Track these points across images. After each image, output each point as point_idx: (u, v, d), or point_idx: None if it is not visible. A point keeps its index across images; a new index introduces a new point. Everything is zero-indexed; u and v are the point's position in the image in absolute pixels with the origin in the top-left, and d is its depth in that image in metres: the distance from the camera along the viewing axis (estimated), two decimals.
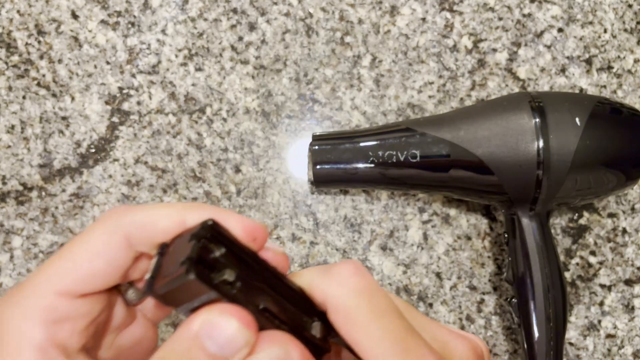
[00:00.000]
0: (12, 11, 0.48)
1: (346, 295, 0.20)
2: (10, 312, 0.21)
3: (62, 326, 0.21)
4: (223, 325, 0.19)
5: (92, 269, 0.21)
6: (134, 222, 0.22)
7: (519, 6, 0.50)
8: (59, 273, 0.21)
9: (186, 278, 0.19)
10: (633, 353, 0.48)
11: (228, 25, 0.49)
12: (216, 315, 0.19)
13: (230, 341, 0.19)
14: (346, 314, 0.20)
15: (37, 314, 0.21)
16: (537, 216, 0.43)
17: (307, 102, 0.48)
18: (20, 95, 0.48)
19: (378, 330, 0.20)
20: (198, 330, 0.19)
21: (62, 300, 0.21)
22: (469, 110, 0.44)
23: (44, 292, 0.21)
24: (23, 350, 0.20)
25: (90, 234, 0.22)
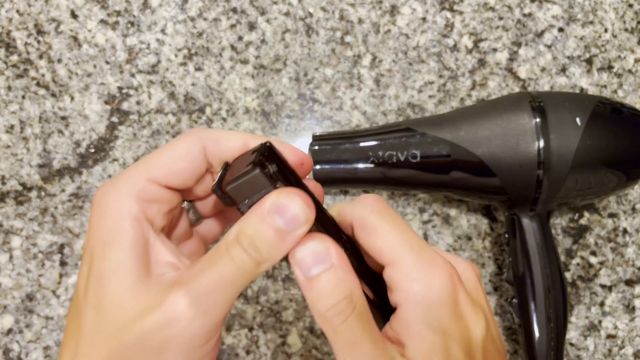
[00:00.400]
0: (12, 11, 0.48)
1: (370, 213, 0.26)
2: (111, 192, 0.26)
3: (151, 205, 0.26)
4: (289, 204, 0.23)
5: (176, 167, 0.26)
6: (211, 137, 0.27)
7: (519, 6, 0.50)
8: (150, 166, 0.26)
9: (252, 173, 0.24)
10: (634, 353, 0.48)
11: (228, 24, 0.48)
12: (284, 196, 0.24)
13: (295, 218, 0.23)
14: (371, 227, 0.25)
15: (132, 193, 0.25)
16: (537, 216, 0.43)
17: (307, 101, 0.48)
18: (19, 95, 0.47)
19: (397, 237, 0.25)
20: (269, 208, 0.23)
21: (152, 186, 0.26)
22: (469, 110, 0.43)
23: (138, 178, 0.26)
24: (122, 219, 0.25)
25: (177, 142, 0.27)
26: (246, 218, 0.24)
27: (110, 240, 0.25)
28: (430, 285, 0.24)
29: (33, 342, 0.46)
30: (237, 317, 0.46)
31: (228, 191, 0.24)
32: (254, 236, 0.23)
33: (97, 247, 0.25)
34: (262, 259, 0.24)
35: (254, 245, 0.23)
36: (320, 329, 0.46)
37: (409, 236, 0.25)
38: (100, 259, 0.25)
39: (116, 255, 0.24)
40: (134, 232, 0.25)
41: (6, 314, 0.46)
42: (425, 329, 0.24)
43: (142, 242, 0.25)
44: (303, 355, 0.46)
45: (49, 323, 0.46)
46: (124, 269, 0.24)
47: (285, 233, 0.24)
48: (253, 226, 0.24)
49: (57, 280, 0.46)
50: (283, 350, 0.46)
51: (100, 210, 0.25)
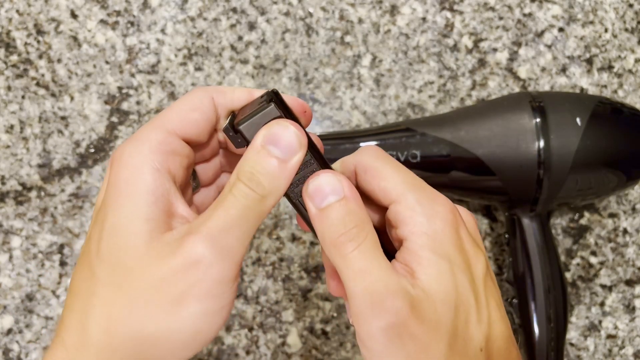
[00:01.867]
0: (12, 10, 0.48)
1: (373, 158, 0.26)
2: (131, 146, 0.25)
3: (173, 158, 0.26)
4: (281, 132, 0.24)
5: (192, 118, 0.27)
6: (218, 90, 0.28)
7: (519, 6, 0.50)
8: (168, 118, 0.26)
9: (267, 108, 0.24)
10: (634, 353, 0.48)
11: (228, 24, 0.48)
12: (275, 126, 0.24)
13: (289, 144, 0.24)
14: (374, 169, 0.26)
15: (154, 145, 0.25)
16: (537, 216, 0.43)
17: (307, 101, 0.48)
18: (19, 95, 0.47)
19: (400, 177, 0.26)
20: (263, 141, 0.24)
21: (172, 138, 0.26)
22: (469, 110, 0.43)
23: (158, 130, 0.26)
24: (143, 169, 0.25)
25: (187, 96, 0.27)
26: (243, 157, 0.24)
27: (127, 191, 0.24)
28: (434, 216, 0.25)
29: (33, 342, 0.46)
30: (237, 317, 0.46)
31: (241, 128, 0.25)
32: (252, 170, 0.24)
33: (111, 200, 0.25)
34: (264, 191, 0.24)
35: (255, 179, 0.24)
36: (325, 326, 0.46)
37: (411, 176, 0.26)
38: (115, 211, 0.24)
39: (133, 204, 0.24)
40: (154, 181, 0.25)
41: (6, 314, 0.46)
42: (432, 255, 0.24)
43: (163, 193, 0.25)
44: (303, 355, 0.46)
45: (49, 323, 0.46)
46: (141, 218, 0.24)
47: (282, 161, 0.24)
48: (250, 161, 0.24)
49: (56, 280, 0.46)
50: (283, 351, 0.46)
51: (119, 164, 0.25)
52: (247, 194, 0.24)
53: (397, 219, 0.25)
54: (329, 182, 0.25)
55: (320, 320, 0.46)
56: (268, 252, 0.47)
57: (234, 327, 0.46)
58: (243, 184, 0.24)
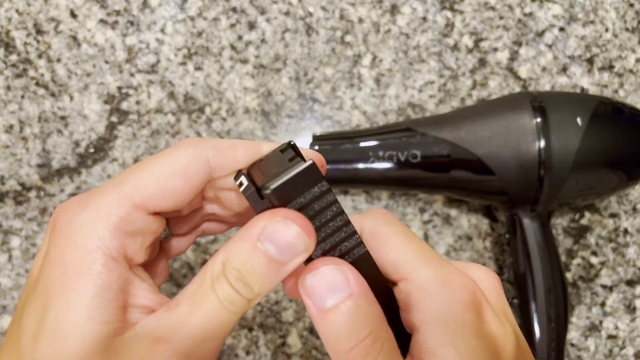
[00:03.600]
0: (11, 10, 0.48)
1: (383, 224, 0.23)
2: (86, 216, 0.21)
3: (133, 239, 0.21)
4: (284, 230, 0.20)
5: (170, 187, 0.21)
6: (215, 147, 0.22)
7: (520, 5, 0.49)
8: (138, 185, 0.21)
9: (304, 166, 0.20)
10: (634, 354, 0.47)
11: (227, 24, 0.48)
12: (278, 220, 0.20)
13: (291, 246, 0.20)
14: (383, 238, 0.22)
15: (111, 222, 0.20)
16: (538, 216, 0.43)
17: (307, 101, 0.48)
18: (18, 95, 0.47)
19: (412, 250, 0.22)
20: (260, 234, 0.20)
21: (138, 214, 0.21)
22: (469, 110, 0.43)
23: (121, 202, 0.21)
24: (94, 256, 0.20)
25: (173, 153, 0.22)
26: (233, 244, 0.20)
27: (75, 283, 0.20)
28: (452, 303, 0.21)
29: None
30: None
31: (271, 192, 0.20)
32: (243, 269, 0.20)
33: (54, 288, 0.20)
34: (253, 295, 0.20)
35: (244, 280, 0.20)
36: None
37: (424, 249, 0.22)
38: (59, 306, 0.20)
39: (83, 303, 0.20)
40: (110, 275, 0.20)
41: (5, 315, 0.46)
42: (453, 356, 0.20)
43: (119, 287, 0.20)
44: (303, 355, 0.46)
45: None
46: (93, 321, 0.19)
47: (279, 264, 0.20)
48: (242, 256, 0.20)
49: None
50: (283, 351, 0.46)
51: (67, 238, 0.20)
52: (233, 300, 0.20)
53: (408, 302, 0.22)
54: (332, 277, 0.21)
55: None
56: None
57: (234, 328, 0.46)
58: (229, 284, 0.20)
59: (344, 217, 0.22)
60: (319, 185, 0.21)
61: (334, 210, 0.22)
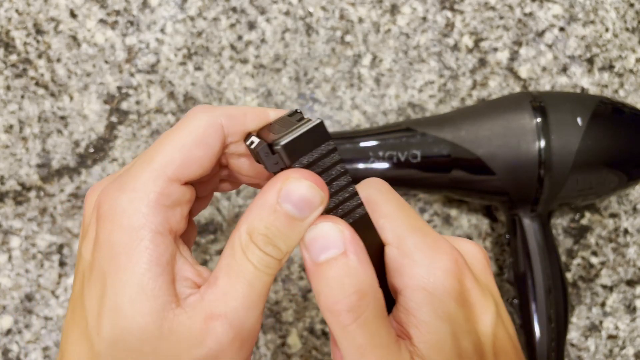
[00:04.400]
0: (11, 10, 0.48)
1: (376, 192, 0.24)
2: (125, 198, 0.22)
3: (174, 211, 0.22)
4: (298, 188, 0.21)
5: (195, 156, 0.23)
6: (225, 114, 0.24)
7: (520, 5, 0.49)
8: (167, 160, 0.22)
9: (313, 123, 0.22)
10: (635, 354, 0.47)
11: (227, 24, 0.48)
12: (291, 180, 0.21)
13: (308, 201, 0.21)
14: (375, 204, 0.24)
15: (152, 198, 0.22)
16: (538, 217, 0.43)
17: (307, 101, 0.48)
18: (18, 95, 0.47)
19: (401, 217, 0.23)
20: (277, 196, 0.21)
21: (173, 187, 0.22)
22: (470, 110, 0.43)
23: (158, 179, 0.22)
24: (142, 234, 0.21)
25: (189, 124, 0.23)
26: (255, 213, 0.22)
27: (127, 262, 0.21)
28: (434, 268, 0.22)
29: (32, 342, 0.45)
30: None
31: (281, 147, 0.21)
32: (269, 232, 0.21)
33: (108, 268, 0.21)
34: (282, 254, 0.22)
35: (272, 242, 0.21)
36: (325, 327, 0.45)
37: (413, 217, 0.24)
38: (116, 286, 0.21)
39: (137, 279, 0.21)
40: (158, 248, 0.21)
41: (5, 315, 0.46)
42: (431, 317, 0.22)
43: (168, 260, 0.22)
44: (303, 356, 0.46)
45: (48, 323, 0.46)
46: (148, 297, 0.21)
47: (300, 220, 0.21)
48: (265, 221, 0.21)
49: (56, 280, 0.46)
50: (283, 351, 0.46)
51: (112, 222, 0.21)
52: (268, 263, 0.22)
53: (393, 266, 0.23)
54: (328, 232, 0.22)
55: (320, 320, 0.46)
56: None
57: None
58: (259, 249, 0.21)
59: (347, 177, 0.23)
60: (326, 144, 0.22)
61: (339, 169, 0.23)
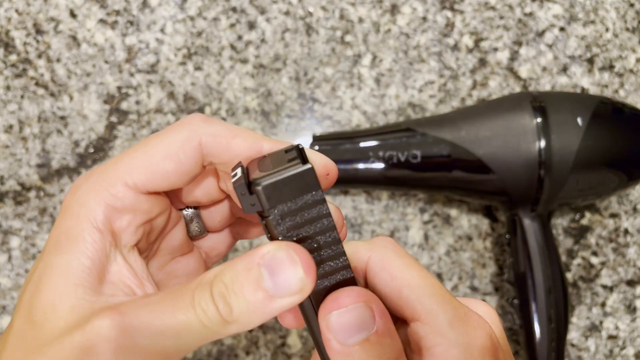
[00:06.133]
0: (11, 10, 0.48)
1: (394, 256, 0.22)
2: (85, 188, 0.22)
3: (121, 216, 0.22)
4: (285, 261, 0.19)
5: (161, 169, 0.22)
6: (211, 132, 0.22)
7: (520, 5, 0.49)
8: (130, 166, 0.22)
9: (301, 168, 0.19)
10: (635, 354, 0.47)
11: (227, 24, 0.48)
12: (283, 250, 0.19)
13: (287, 283, 0.19)
14: (395, 271, 0.22)
15: (103, 197, 0.22)
16: (538, 217, 0.43)
17: (307, 101, 0.48)
18: (18, 95, 0.47)
19: (427, 288, 0.21)
20: (260, 257, 0.19)
21: (127, 192, 0.22)
22: (470, 110, 0.43)
23: (113, 180, 0.22)
24: (83, 224, 0.22)
25: (167, 135, 0.22)
26: (233, 261, 0.20)
27: (63, 243, 0.22)
28: (471, 348, 0.20)
29: None
30: None
31: (261, 189, 0.19)
32: (230, 285, 0.19)
33: (49, 246, 0.22)
34: (230, 317, 0.19)
35: (226, 298, 0.19)
36: None
37: (438, 286, 0.21)
38: (49, 260, 0.22)
39: (64, 260, 0.21)
40: (92, 242, 0.21)
41: (5, 315, 0.46)
42: None
43: (100, 255, 0.22)
44: (303, 356, 0.46)
45: None
46: (67, 278, 0.21)
47: (268, 296, 0.19)
48: (234, 273, 0.19)
49: None
50: (283, 351, 0.46)
51: (65, 208, 0.22)
52: (206, 310, 0.19)
53: (423, 345, 0.21)
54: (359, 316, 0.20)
55: None
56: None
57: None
58: (210, 294, 0.19)
59: (334, 233, 0.21)
60: (314, 194, 0.20)
61: (325, 224, 0.20)
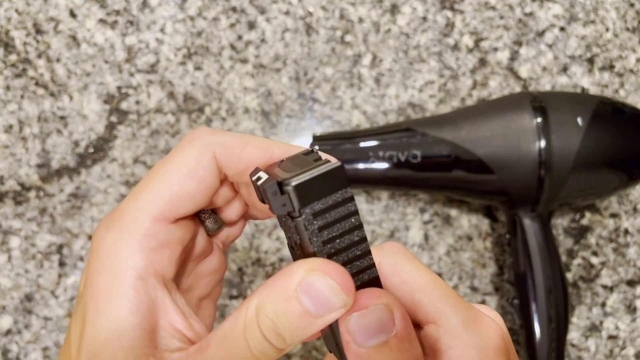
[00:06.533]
0: (11, 10, 0.48)
1: (402, 258, 0.22)
2: (111, 238, 0.21)
3: (160, 253, 0.21)
4: (321, 285, 0.19)
5: (185, 192, 0.21)
6: (222, 143, 0.22)
7: (520, 5, 0.49)
8: (154, 197, 0.21)
9: (333, 166, 0.19)
10: (635, 354, 0.47)
11: (227, 24, 0.48)
12: (316, 274, 0.19)
13: (326, 302, 0.19)
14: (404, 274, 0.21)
15: (135, 240, 0.20)
16: (538, 217, 0.43)
17: (307, 101, 0.48)
18: (18, 95, 0.47)
19: (439, 291, 0.21)
20: (297, 285, 0.19)
21: (160, 226, 0.21)
22: (470, 110, 0.43)
23: (142, 217, 0.21)
24: (123, 277, 0.20)
25: (181, 154, 0.21)
26: (269, 290, 0.19)
27: (107, 304, 0.20)
28: (486, 348, 0.21)
29: (32, 342, 0.45)
30: None
31: (293, 188, 0.19)
32: (276, 319, 0.19)
33: (90, 305, 0.21)
34: (284, 345, 0.20)
35: (277, 330, 0.19)
36: None
37: (448, 290, 0.22)
38: (95, 324, 0.20)
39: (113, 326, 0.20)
40: (137, 294, 0.20)
41: (5, 315, 0.46)
42: None
43: (147, 306, 0.20)
44: (303, 356, 0.46)
45: (48, 323, 0.46)
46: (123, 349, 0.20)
47: (313, 317, 0.19)
48: (276, 306, 0.19)
49: (55, 280, 0.46)
50: None
51: (97, 261, 0.21)
52: (264, 349, 0.19)
53: (438, 347, 0.21)
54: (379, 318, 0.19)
55: None
56: (268, 252, 0.47)
57: None
58: (261, 333, 0.19)
59: (362, 231, 0.21)
60: (343, 192, 0.20)
61: (353, 222, 0.20)
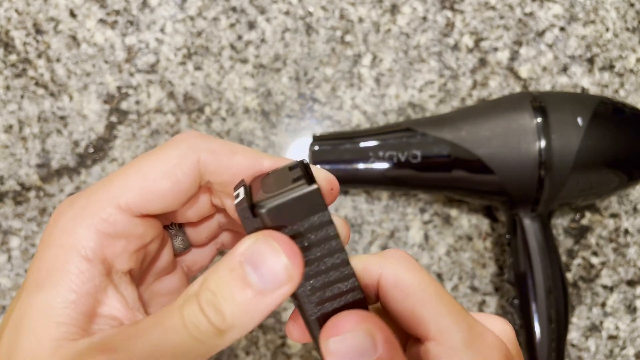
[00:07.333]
0: (10, 10, 0.48)
1: (406, 272, 0.21)
2: (70, 214, 0.20)
3: (114, 242, 0.20)
4: (267, 254, 0.18)
5: (157, 189, 0.20)
6: (209, 148, 0.21)
7: (520, 5, 0.49)
8: (124, 186, 0.20)
9: (307, 189, 0.18)
10: (635, 354, 0.47)
11: (227, 24, 0.48)
12: (263, 242, 0.18)
13: (273, 273, 0.18)
14: (409, 288, 0.20)
15: (92, 222, 0.20)
16: (539, 217, 0.43)
17: (307, 101, 0.48)
18: (18, 95, 0.47)
19: (442, 306, 0.20)
20: (241, 254, 0.18)
21: (122, 216, 0.20)
22: (470, 110, 0.43)
23: (105, 203, 0.20)
24: (70, 255, 0.20)
25: (164, 152, 0.21)
26: (215, 266, 0.18)
27: (44, 278, 0.19)
28: None
29: None
30: None
31: (265, 212, 0.18)
32: (217, 291, 0.18)
33: (30, 281, 0.20)
34: (225, 324, 0.18)
35: (216, 305, 0.18)
36: None
37: (453, 304, 0.21)
38: (28, 299, 0.20)
39: (47, 299, 0.19)
40: (79, 273, 0.19)
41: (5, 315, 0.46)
42: None
43: (87, 287, 0.20)
44: (303, 356, 0.46)
45: None
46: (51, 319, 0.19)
47: (258, 292, 0.18)
48: (218, 277, 0.18)
49: None
50: (283, 352, 0.46)
51: (47, 238, 0.20)
52: (199, 323, 0.18)
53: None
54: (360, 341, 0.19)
55: None
56: None
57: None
58: (199, 306, 0.18)
59: (343, 254, 0.20)
60: (320, 215, 0.19)
61: (333, 245, 0.20)
